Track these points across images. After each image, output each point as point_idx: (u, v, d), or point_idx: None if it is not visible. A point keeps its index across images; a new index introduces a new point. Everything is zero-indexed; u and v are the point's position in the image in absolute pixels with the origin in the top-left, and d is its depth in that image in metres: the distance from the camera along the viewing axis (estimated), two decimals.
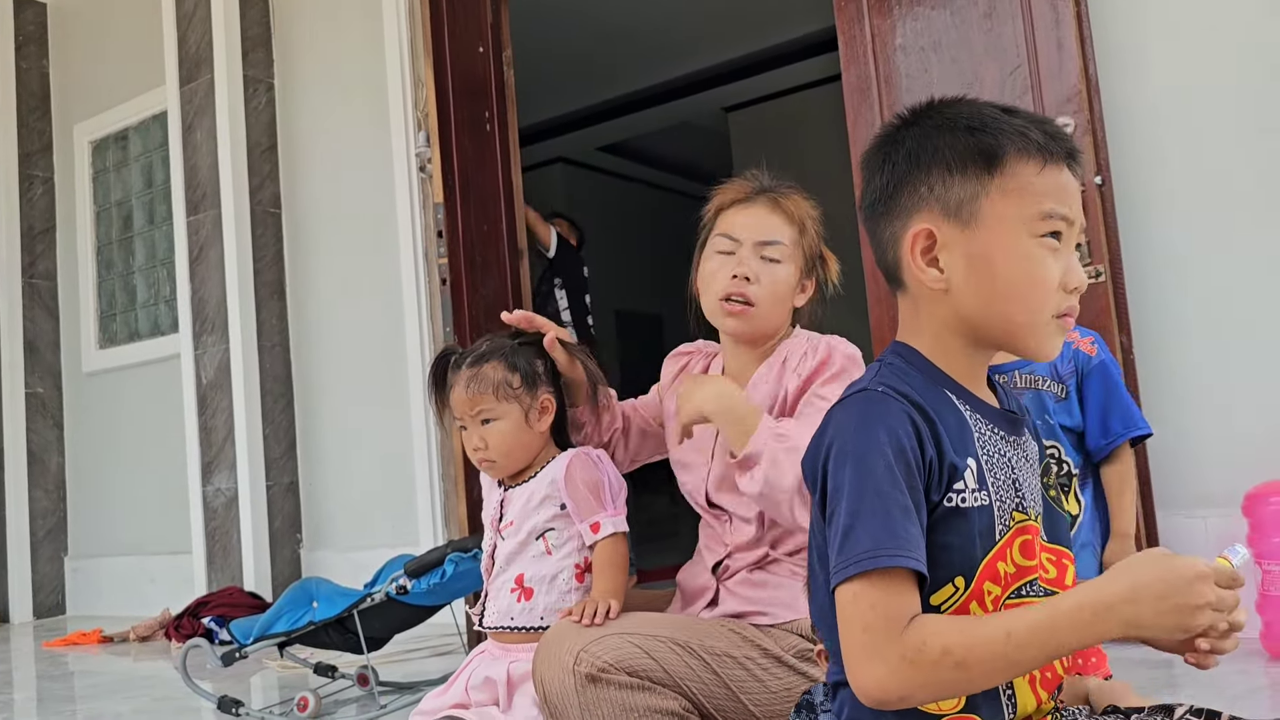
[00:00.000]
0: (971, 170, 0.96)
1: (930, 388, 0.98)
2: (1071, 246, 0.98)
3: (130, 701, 2.95)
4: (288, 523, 4.44)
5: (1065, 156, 0.97)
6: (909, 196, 0.99)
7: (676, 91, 7.07)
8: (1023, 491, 0.99)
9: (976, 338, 1.00)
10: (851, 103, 3.18)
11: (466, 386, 1.69)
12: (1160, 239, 2.76)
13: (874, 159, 1.03)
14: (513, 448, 1.69)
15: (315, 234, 4.50)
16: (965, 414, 0.99)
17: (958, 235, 0.97)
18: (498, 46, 3.98)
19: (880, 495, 0.90)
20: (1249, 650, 2.45)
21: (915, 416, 0.94)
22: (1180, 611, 0.84)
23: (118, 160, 5.33)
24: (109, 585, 5.11)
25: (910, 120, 1.02)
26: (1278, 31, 2.63)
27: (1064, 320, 0.98)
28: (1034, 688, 0.98)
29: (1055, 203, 0.96)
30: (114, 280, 5.31)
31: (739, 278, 1.57)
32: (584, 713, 1.33)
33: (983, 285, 0.97)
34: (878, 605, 0.88)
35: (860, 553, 0.88)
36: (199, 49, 4.66)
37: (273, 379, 4.48)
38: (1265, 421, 2.55)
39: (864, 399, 0.96)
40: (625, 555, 1.63)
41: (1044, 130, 0.97)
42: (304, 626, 2.52)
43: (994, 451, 0.99)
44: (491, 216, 3.83)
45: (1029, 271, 0.96)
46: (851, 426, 0.94)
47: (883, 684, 0.87)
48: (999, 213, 0.96)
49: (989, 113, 0.98)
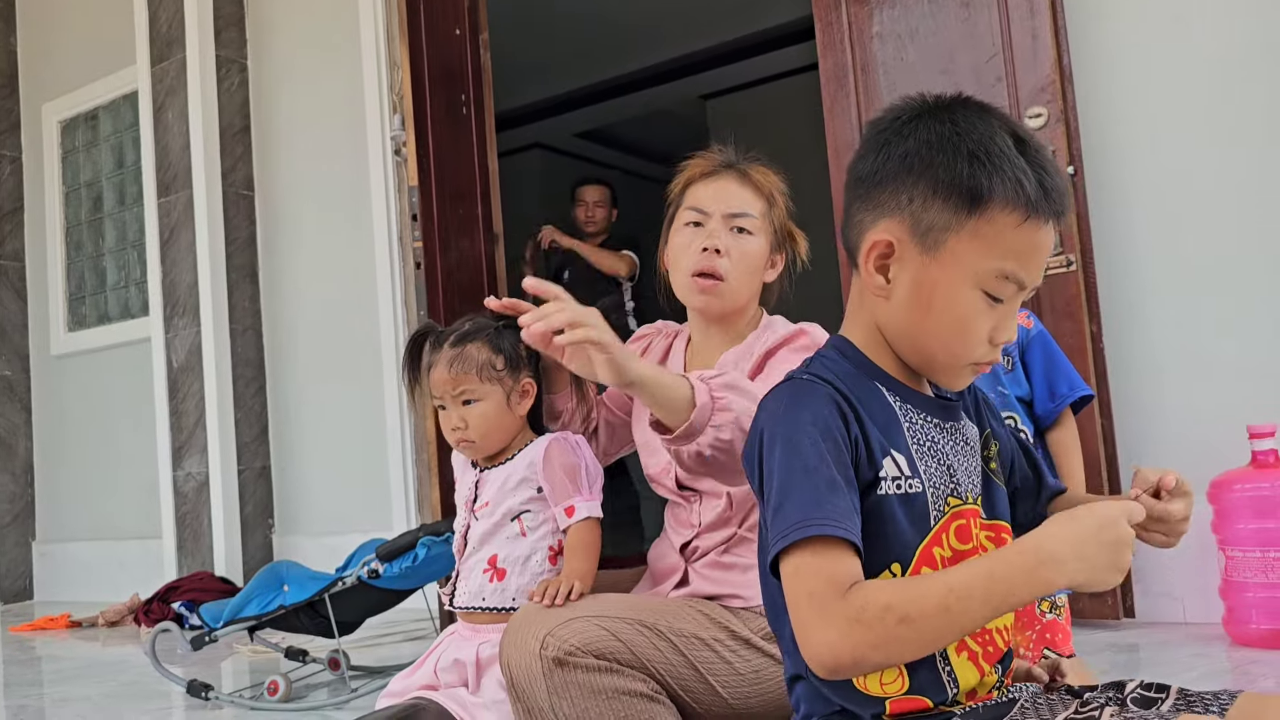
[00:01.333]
0: (954, 201, 0.95)
1: (859, 379, 1.01)
2: (1015, 305, 0.98)
3: (99, 686, 2.93)
4: (259, 508, 4.41)
5: (1052, 216, 0.96)
6: (890, 196, 0.98)
7: (654, 79, 7.04)
8: (957, 477, 1.01)
9: (896, 350, 1.03)
10: (828, 90, 3.18)
11: (450, 366, 1.67)
12: (1130, 229, 2.79)
13: (877, 138, 1.01)
14: (493, 429, 1.69)
15: (288, 217, 4.46)
16: (894, 405, 1.01)
17: (915, 257, 0.97)
18: (474, 30, 3.95)
19: (807, 471, 0.92)
20: (1212, 635, 2.49)
21: (839, 400, 0.97)
22: (1116, 548, 0.87)
23: (87, 140, 5.27)
24: (77, 571, 5.06)
25: (927, 112, 0.99)
26: (1245, 24, 2.66)
27: (981, 368, 1.00)
28: (976, 662, 0.99)
29: (1018, 265, 0.95)
30: (83, 262, 5.24)
31: (709, 250, 1.54)
32: (551, 696, 1.32)
33: (915, 312, 0.98)
34: (820, 571, 0.89)
35: (789, 526, 0.91)
36: (170, 28, 4.60)
37: (244, 363, 4.44)
38: (1231, 410, 2.58)
39: (791, 386, 1.00)
40: (597, 539, 1.63)
41: (1042, 185, 0.95)
42: (274, 610, 2.51)
43: (925, 439, 1.01)
44: (467, 201, 3.81)
45: (961, 319, 0.96)
46: (780, 411, 0.98)
47: (833, 648, 0.87)
48: (961, 252, 0.95)
49: (999, 143, 0.95)
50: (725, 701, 1.42)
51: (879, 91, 3.09)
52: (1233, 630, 2.44)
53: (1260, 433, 2.41)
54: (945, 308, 0.96)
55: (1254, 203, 2.65)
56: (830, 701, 0.99)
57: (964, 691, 0.98)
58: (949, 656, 0.97)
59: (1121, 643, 2.49)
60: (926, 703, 0.96)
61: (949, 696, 0.97)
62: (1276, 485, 2.37)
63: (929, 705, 0.96)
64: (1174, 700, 0.97)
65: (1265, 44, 2.64)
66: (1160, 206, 2.76)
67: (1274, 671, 2.12)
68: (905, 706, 0.96)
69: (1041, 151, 0.97)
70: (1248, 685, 2.06)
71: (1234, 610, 2.43)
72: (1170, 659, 2.31)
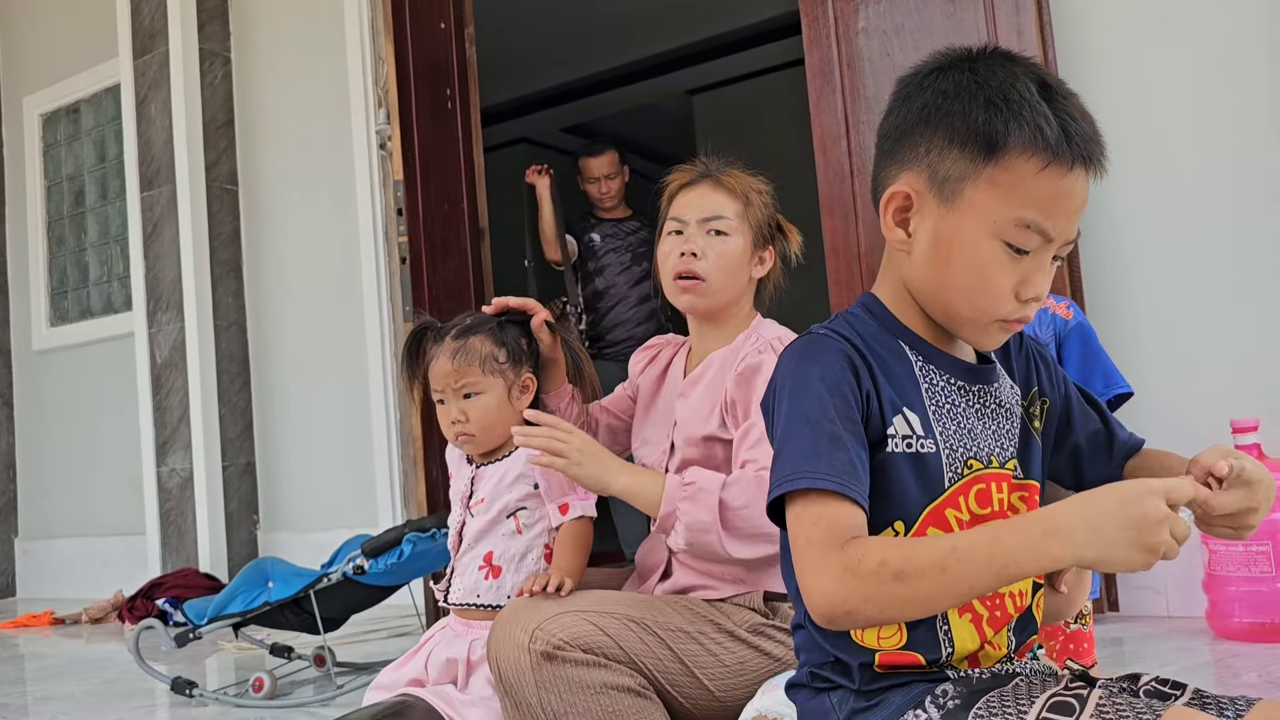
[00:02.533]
0: (970, 149, 0.92)
1: (882, 336, 1.00)
2: (1044, 259, 0.94)
3: (82, 683, 2.91)
4: (244, 504, 4.39)
5: (1078, 161, 0.91)
6: (909, 149, 0.97)
7: (640, 73, 7.03)
8: (979, 440, 0.99)
9: (923, 306, 1.01)
10: (814, 86, 3.19)
11: (453, 357, 1.67)
12: (1116, 225, 2.80)
13: (899, 95, 1.00)
14: (494, 423, 1.68)
15: (273, 211, 4.44)
16: (916, 364, 0.99)
17: (934, 208, 0.95)
18: (460, 24, 3.94)
19: (808, 422, 0.92)
20: (1195, 628, 2.51)
21: (853, 355, 0.96)
22: (1141, 526, 0.79)
23: (69, 134, 5.22)
24: (60, 567, 5.03)
25: (945, 67, 0.97)
26: (1230, 23, 2.67)
27: (1010, 325, 0.96)
28: (980, 626, 0.97)
29: (1040, 214, 0.91)
30: (65, 256, 5.20)
31: (686, 255, 1.62)
32: (539, 690, 1.33)
33: (936, 266, 0.96)
34: (820, 520, 0.89)
35: (783, 476, 0.91)
36: (153, 20, 4.57)
37: (229, 358, 4.42)
38: (1214, 404, 2.60)
39: (805, 340, 1.00)
40: (589, 538, 1.64)
41: (1065, 129, 0.90)
42: (259, 607, 2.50)
43: (945, 401, 0.99)
44: (452, 196, 3.79)
45: (981, 271, 0.93)
46: (791, 366, 0.98)
47: (828, 594, 0.86)
48: (978, 202, 0.92)
49: (1021, 89, 0.91)
50: (711, 694, 1.44)
51: (864, 87, 3.09)
52: (1215, 624, 2.45)
53: (1243, 427, 2.43)
54: (964, 259, 0.93)
55: (1237, 200, 2.66)
56: (826, 651, 0.99)
57: (960, 654, 0.96)
58: (949, 616, 0.96)
59: (1105, 636, 2.51)
60: (918, 658, 0.95)
61: (942, 656, 0.96)
62: None
63: (920, 661, 0.95)
64: (1188, 698, 0.94)
65: (1249, 43, 2.65)
66: (1145, 202, 2.77)
67: (1256, 665, 2.14)
68: (896, 660, 0.96)
69: (1070, 98, 0.93)
70: (1230, 679, 2.07)
71: (1217, 604, 2.45)
72: (1153, 652, 2.33)
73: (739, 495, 1.44)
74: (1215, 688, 2.00)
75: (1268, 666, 2.12)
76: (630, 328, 4.19)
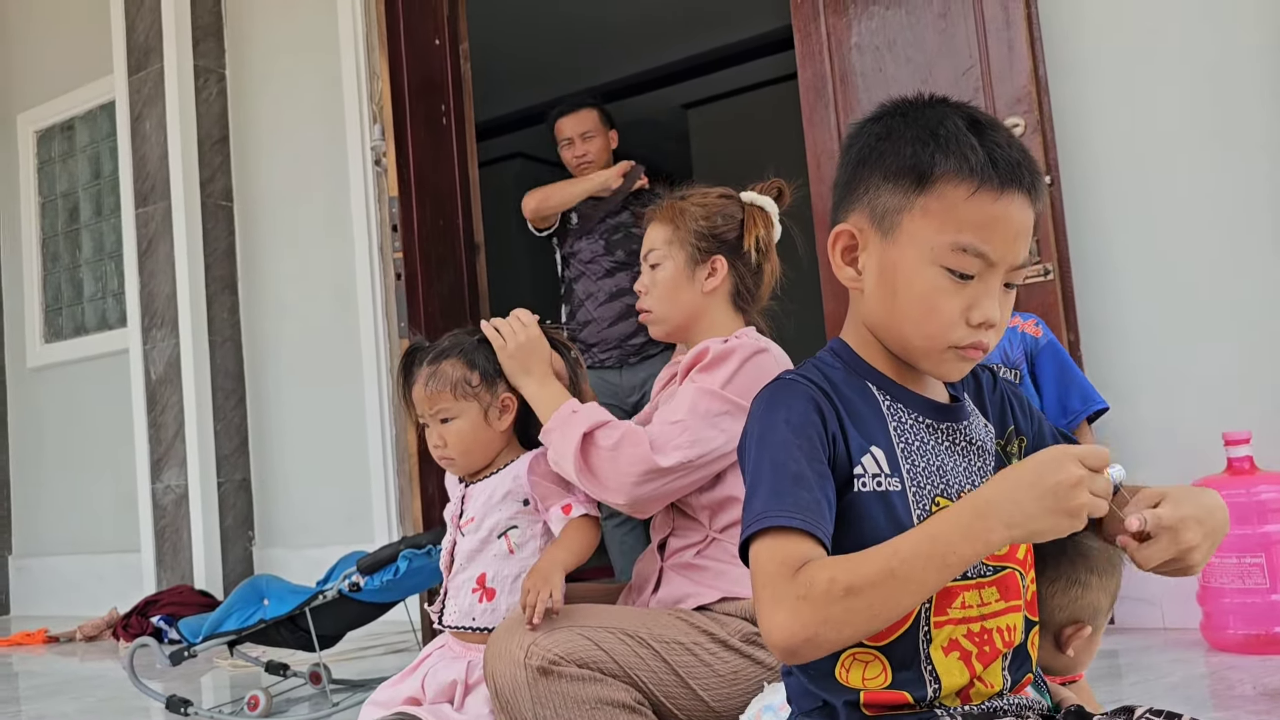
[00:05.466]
0: (903, 182, 0.96)
1: (850, 378, 1.02)
2: (990, 284, 0.96)
3: (76, 701, 2.90)
4: (239, 520, 4.38)
5: (1009, 185, 0.94)
6: (852, 193, 1.02)
7: (635, 88, 7.06)
8: (948, 477, 1.01)
9: (883, 343, 1.03)
10: (807, 100, 3.20)
11: (425, 384, 1.68)
12: (1107, 238, 2.82)
13: (841, 150, 1.06)
14: (470, 446, 1.68)
15: (268, 228, 4.44)
16: (883, 403, 1.01)
17: (877, 243, 0.99)
18: (454, 40, 3.95)
19: (775, 465, 0.94)
20: (1190, 640, 2.51)
21: (819, 399, 0.98)
22: (1056, 491, 0.83)
23: (64, 151, 5.23)
24: (55, 585, 5.01)
25: (880, 116, 1.02)
26: (1219, 35, 2.69)
27: (966, 352, 0.97)
28: (968, 662, 0.97)
29: (977, 238, 0.94)
30: (60, 273, 5.20)
31: (638, 293, 1.76)
32: (535, 705, 1.34)
33: (885, 299, 0.99)
34: (774, 557, 0.90)
35: (752, 518, 0.93)
36: (148, 37, 4.58)
37: (224, 374, 4.42)
38: (1207, 417, 2.61)
39: (775, 385, 1.02)
40: (592, 535, 1.62)
41: (991, 156, 0.94)
42: (254, 625, 2.49)
43: (914, 439, 1.01)
44: (447, 211, 3.80)
45: (925, 298, 0.96)
46: (760, 411, 1.00)
47: (786, 627, 0.87)
48: (915, 231, 0.96)
49: (948, 125, 0.96)
50: (706, 705, 1.44)
51: (858, 101, 3.11)
52: (1210, 636, 2.46)
53: (1236, 439, 2.44)
54: (908, 288, 0.97)
55: (1229, 211, 2.68)
56: (814, 695, 0.99)
57: (949, 691, 0.97)
58: (931, 655, 0.96)
59: (1101, 649, 2.50)
60: (906, 697, 0.96)
61: (929, 694, 0.96)
62: (1252, 492, 2.39)
63: (908, 699, 0.96)
64: None
65: (1239, 55, 2.67)
66: (1136, 215, 2.79)
67: (1251, 677, 2.14)
68: (883, 699, 0.96)
69: (997, 129, 0.97)
70: (1225, 691, 2.07)
71: (1211, 616, 2.45)
72: (1148, 664, 2.33)
73: (610, 436, 1.53)
74: (1211, 700, 2.01)
75: (1262, 678, 2.12)
76: (602, 328, 3.50)
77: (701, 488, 1.56)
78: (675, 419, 1.53)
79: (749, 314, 1.72)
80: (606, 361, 3.49)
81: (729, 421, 1.51)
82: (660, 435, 1.51)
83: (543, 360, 1.67)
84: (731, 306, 1.69)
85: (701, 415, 1.52)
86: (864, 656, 0.96)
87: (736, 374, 1.54)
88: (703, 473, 1.53)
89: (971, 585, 0.98)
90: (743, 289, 1.70)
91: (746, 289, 1.70)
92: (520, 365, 1.66)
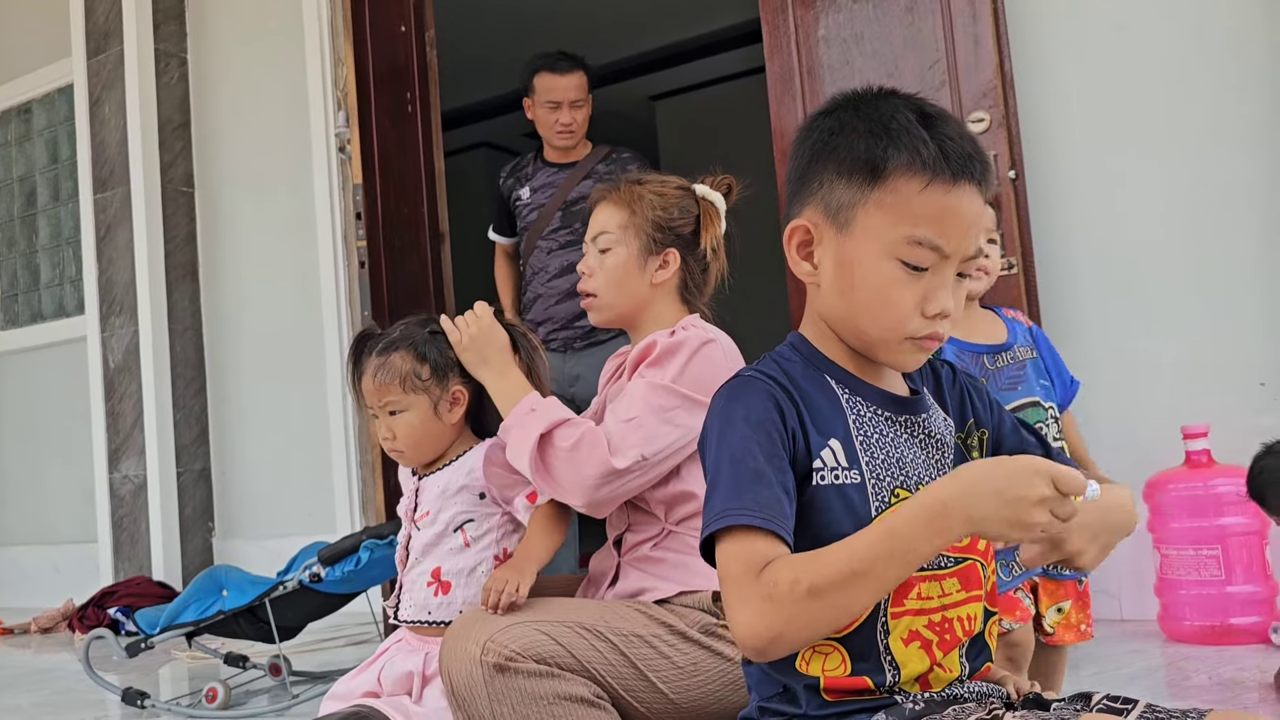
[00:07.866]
0: (856, 177, 0.97)
1: (809, 371, 1.03)
2: (944, 275, 0.97)
3: (31, 694, 2.85)
4: (199, 510, 4.33)
5: (961, 178, 0.95)
6: (806, 188, 1.02)
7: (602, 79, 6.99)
8: (907, 469, 1.01)
9: (841, 336, 1.03)
10: (775, 93, 3.20)
11: (374, 376, 1.66)
12: (1069, 232, 2.84)
13: (794, 143, 1.06)
14: (420, 439, 1.67)
15: (230, 214, 4.39)
16: (842, 396, 1.01)
17: (832, 237, 0.99)
18: (420, 27, 3.91)
19: (733, 462, 0.94)
20: (1147, 632, 2.55)
21: (778, 395, 0.98)
22: (1018, 505, 0.84)
23: (20, 134, 5.13)
24: (10, 576, 4.92)
25: (831, 109, 1.02)
26: (1183, 32, 2.72)
27: (923, 343, 0.98)
28: (929, 650, 0.98)
29: (931, 231, 0.95)
30: (16, 259, 5.11)
31: (582, 273, 1.71)
32: (492, 702, 1.32)
33: (843, 293, 0.99)
34: (739, 557, 0.91)
35: (712, 516, 0.93)
36: (108, 20, 4.50)
37: (184, 363, 4.36)
38: (1165, 411, 2.64)
39: (733, 383, 1.02)
40: (563, 519, 1.61)
41: (942, 149, 0.95)
42: (213, 616, 2.46)
43: (873, 431, 1.01)
44: (412, 200, 3.77)
45: (882, 291, 0.96)
46: (719, 408, 1.00)
47: (752, 626, 0.88)
48: (870, 225, 0.96)
49: (900, 119, 0.96)
50: (666, 697, 1.44)
51: (824, 94, 3.11)
52: (1167, 627, 2.49)
53: (1193, 433, 2.47)
54: (865, 281, 0.97)
55: (1188, 207, 2.71)
56: (774, 681, 1.00)
57: (909, 678, 0.98)
58: (890, 645, 0.97)
59: None
60: (866, 681, 0.97)
61: (888, 680, 0.97)
62: (1209, 485, 2.43)
63: (869, 685, 0.97)
64: (1140, 712, 0.96)
65: (1202, 52, 2.70)
66: (1098, 210, 2.82)
67: (1207, 668, 2.17)
68: (845, 684, 0.97)
69: (947, 121, 0.97)
70: (1181, 681, 2.11)
71: (1169, 607, 2.49)
72: (1106, 655, 2.36)
73: (568, 437, 1.51)
74: (1167, 690, 2.04)
75: (1217, 669, 2.15)
76: (549, 304, 3.25)
77: (657, 482, 1.55)
78: (629, 416, 1.51)
79: (693, 305, 1.70)
80: (552, 344, 3.24)
81: (683, 415, 1.51)
82: (615, 434, 1.50)
83: (499, 350, 1.65)
84: (678, 298, 1.68)
85: (654, 411, 1.50)
86: (824, 648, 0.97)
87: (687, 366, 1.53)
88: (659, 469, 1.52)
89: (929, 577, 0.98)
90: (690, 283, 1.69)
91: (694, 283, 1.69)
92: (477, 356, 1.65)
